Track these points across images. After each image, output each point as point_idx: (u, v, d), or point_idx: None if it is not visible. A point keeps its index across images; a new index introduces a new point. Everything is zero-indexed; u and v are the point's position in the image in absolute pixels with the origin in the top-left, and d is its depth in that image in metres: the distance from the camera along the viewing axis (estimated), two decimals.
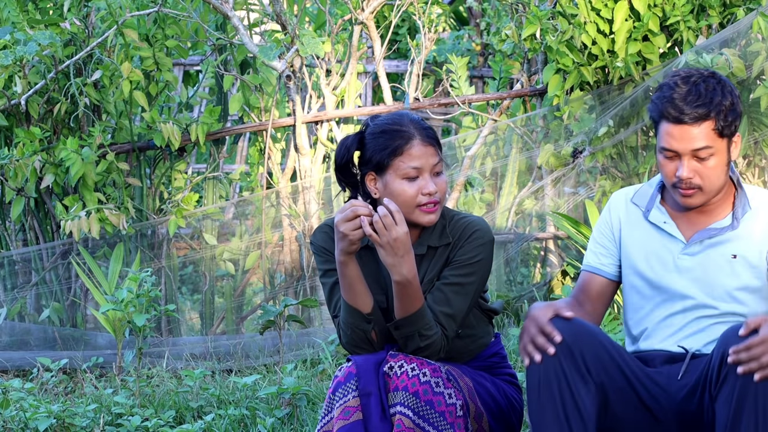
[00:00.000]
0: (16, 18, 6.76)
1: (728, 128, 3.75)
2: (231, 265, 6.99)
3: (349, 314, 3.83)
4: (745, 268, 3.80)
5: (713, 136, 3.73)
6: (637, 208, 3.93)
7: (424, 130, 3.86)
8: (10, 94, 6.70)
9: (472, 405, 3.82)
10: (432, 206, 3.84)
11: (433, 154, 3.84)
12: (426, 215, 3.85)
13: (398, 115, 3.90)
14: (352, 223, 3.71)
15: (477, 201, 6.98)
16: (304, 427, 5.11)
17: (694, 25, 6.43)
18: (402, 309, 3.78)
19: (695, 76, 3.77)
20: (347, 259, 3.77)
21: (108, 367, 6.38)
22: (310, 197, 6.83)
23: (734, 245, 3.81)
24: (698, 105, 3.72)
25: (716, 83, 3.76)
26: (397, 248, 3.71)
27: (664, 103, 3.75)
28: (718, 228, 3.82)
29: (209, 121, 6.81)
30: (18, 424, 5.32)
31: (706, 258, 3.81)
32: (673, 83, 3.77)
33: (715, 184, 3.78)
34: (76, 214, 6.55)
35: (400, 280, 3.74)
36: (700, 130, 3.73)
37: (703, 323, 3.82)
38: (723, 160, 3.77)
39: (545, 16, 6.53)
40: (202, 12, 7.13)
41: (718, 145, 3.75)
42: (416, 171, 3.83)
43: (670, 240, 3.85)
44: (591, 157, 6.64)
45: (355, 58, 6.90)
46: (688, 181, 3.77)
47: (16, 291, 6.98)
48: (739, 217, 3.81)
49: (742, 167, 6.49)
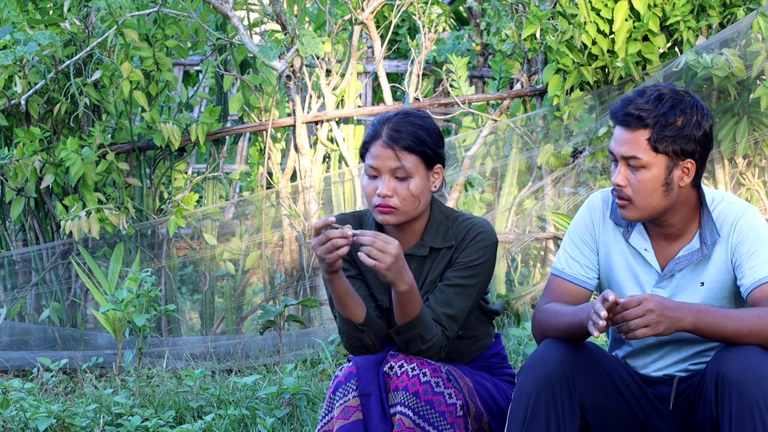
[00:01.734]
0: (16, 18, 6.76)
1: (665, 145, 3.59)
2: (231, 265, 6.99)
3: (343, 323, 3.84)
4: (712, 293, 3.72)
5: (645, 147, 3.59)
6: (616, 225, 3.80)
7: (393, 132, 3.81)
8: (10, 94, 6.70)
9: (472, 405, 3.82)
10: (385, 208, 3.82)
11: (390, 158, 3.80)
12: (380, 215, 3.84)
13: (395, 112, 3.89)
14: (324, 247, 3.66)
15: (477, 201, 6.98)
16: (304, 427, 5.10)
17: (694, 25, 6.43)
18: (403, 315, 3.77)
19: (666, 89, 3.64)
20: (332, 277, 3.74)
21: (108, 367, 6.38)
22: (310, 197, 6.83)
23: (702, 272, 3.72)
24: (637, 110, 3.60)
25: (677, 101, 3.61)
26: (399, 265, 3.69)
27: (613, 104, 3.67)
28: (688, 255, 3.71)
29: (209, 121, 6.81)
30: (18, 424, 5.32)
31: (677, 287, 3.74)
32: (642, 89, 3.65)
33: (647, 200, 3.63)
34: (76, 214, 6.55)
35: (406, 289, 3.72)
36: (634, 137, 3.60)
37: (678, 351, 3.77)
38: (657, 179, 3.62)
39: (545, 16, 6.53)
40: (202, 12, 7.13)
41: (651, 158, 3.60)
42: (373, 170, 3.83)
43: (647, 269, 3.76)
44: (591, 157, 6.64)
45: (355, 58, 6.90)
46: (618, 188, 3.65)
47: (16, 291, 6.98)
48: (708, 242, 3.69)
49: (742, 167, 6.49)
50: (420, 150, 3.82)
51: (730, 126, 6.42)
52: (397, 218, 3.83)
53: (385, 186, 3.80)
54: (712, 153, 6.44)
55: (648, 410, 3.71)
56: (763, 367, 3.47)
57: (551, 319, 3.69)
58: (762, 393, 3.45)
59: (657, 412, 3.72)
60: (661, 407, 3.73)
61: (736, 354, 3.51)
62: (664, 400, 3.73)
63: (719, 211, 3.71)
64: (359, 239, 3.66)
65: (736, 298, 3.73)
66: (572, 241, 3.83)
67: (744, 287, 3.65)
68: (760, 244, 3.66)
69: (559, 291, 3.80)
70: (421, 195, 3.84)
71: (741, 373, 3.47)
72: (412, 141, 3.81)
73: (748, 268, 3.64)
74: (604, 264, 3.81)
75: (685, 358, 3.77)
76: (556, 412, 3.57)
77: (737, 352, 3.51)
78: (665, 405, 3.72)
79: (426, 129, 3.85)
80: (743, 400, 3.45)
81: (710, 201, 3.73)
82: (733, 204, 3.73)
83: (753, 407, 3.45)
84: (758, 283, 3.62)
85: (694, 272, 3.73)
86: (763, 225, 3.70)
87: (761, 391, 3.45)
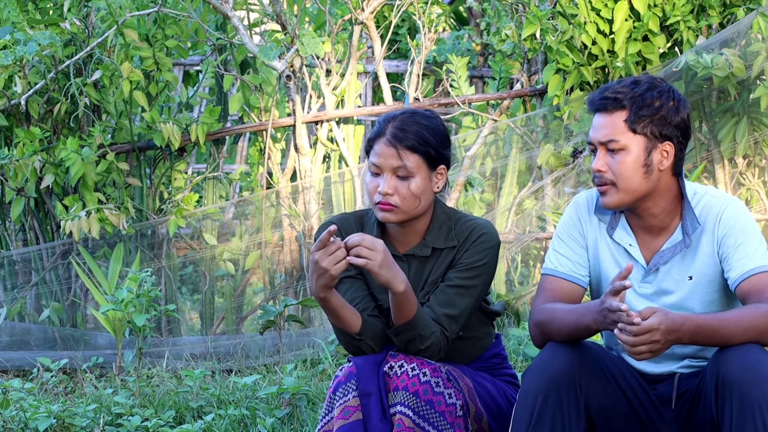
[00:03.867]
0: (16, 18, 6.76)
1: (643, 126, 3.61)
2: (231, 265, 6.99)
3: (339, 333, 3.84)
4: (701, 286, 3.72)
5: (623, 129, 3.62)
6: (600, 222, 3.81)
7: (398, 131, 3.82)
8: (10, 94, 6.70)
9: (472, 405, 3.82)
10: (385, 206, 3.82)
11: (392, 156, 3.81)
12: (380, 212, 3.84)
13: (401, 111, 3.90)
14: (334, 257, 3.63)
15: (477, 201, 6.98)
16: (304, 427, 5.11)
17: (694, 25, 6.43)
18: (402, 316, 3.76)
19: (642, 77, 3.67)
20: (329, 294, 3.71)
21: (108, 367, 6.38)
22: (310, 197, 6.83)
23: (690, 266, 3.71)
24: (614, 93, 3.63)
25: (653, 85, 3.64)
26: (389, 262, 3.68)
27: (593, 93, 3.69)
28: (671, 248, 3.72)
29: (209, 121, 6.82)
30: (18, 424, 5.32)
31: (663, 281, 3.74)
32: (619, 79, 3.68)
33: (627, 182, 3.64)
34: (76, 214, 6.55)
35: (404, 289, 3.71)
36: (610, 120, 3.63)
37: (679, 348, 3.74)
38: (637, 160, 3.64)
39: (545, 16, 6.53)
40: (202, 12, 7.13)
41: (629, 140, 3.62)
42: (376, 168, 3.83)
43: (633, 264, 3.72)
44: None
45: (355, 58, 6.90)
46: (599, 174, 3.66)
47: (16, 291, 6.98)
48: (690, 232, 3.69)
49: (742, 167, 6.49)
50: (423, 150, 3.82)
51: (730, 126, 6.42)
52: (397, 216, 3.83)
53: (386, 184, 3.81)
54: (712, 153, 6.45)
55: (650, 411, 3.72)
56: (763, 366, 3.47)
57: (552, 321, 3.68)
58: (763, 393, 3.45)
59: (658, 412, 3.72)
60: (662, 408, 3.73)
61: (736, 354, 3.50)
62: (666, 401, 3.73)
63: (704, 204, 3.71)
64: (348, 243, 3.65)
65: (725, 290, 3.73)
66: (561, 239, 3.83)
67: (731, 280, 3.65)
68: (746, 236, 3.66)
69: (552, 290, 3.79)
70: (422, 195, 3.84)
71: (741, 373, 3.47)
72: (416, 141, 3.82)
73: (736, 260, 3.64)
74: (593, 261, 3.82)
75: (686, 355, 3.77)
76: (562, 414, 3.57)
77: (737, 352, 3.51)
78: (667, 406, 3.72)
79: (431, 129, 3.85)
80: (744, 401, 3.45)
81: (692, 194, 3.74)
82: (717, 197, 3.73)
83: (754, 407, 3.45)
84: (746, 275, 3.62)
85: (681, 266, 3.73)
86: (748, 217, 3.71)
87: (762, 391, 3.45)
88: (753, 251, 3.64)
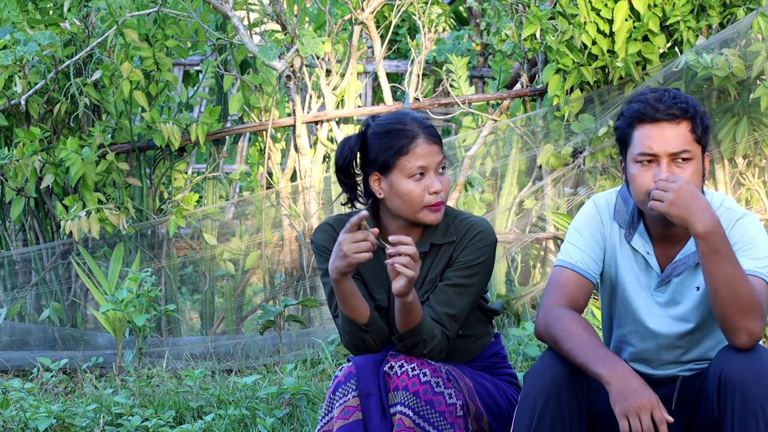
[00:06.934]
0: (16, 18, 6.76)
1: (704, 136, 3.61)
2: (231, 265, 6.99)
3: (346, 323, 3.82)
4: (706, 297, 3.69)
5: (690, 139, 3.60)
6: (619, 227, 3.80)
7: (427, 129, 3.85)
8: (10, 94, 6.70)
9: (472, 405, 3.82)
10: (438, 206, 3.83)
11: (437, 152, 3.83)
12: (432, 214, 3.84)
13: (400, 114, 3.89)
14: (357, 245, 3.63)
15: (477, 201, 6.98)
16: (304, 427, 5.11)
17: (694, 25, 6.43)
18: (407, 323, 3.76)
19: (662, 89, 3.66)
20: (344, 278, 3.71)
21: (108, 367, 6.38)
22: (310, 197, 6.83)
23: (698, 275, 3.70)
24: (676, 103, 3.60)
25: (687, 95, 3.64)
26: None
27: (637, 107, 3.63)
28: (684, 258, 3.72)
29: (209, 121, 6.81)
30: (18, 424, 5.32)
31: (675, 292, 3.74)
32: (642, 93, 3.64)
33: None
34: (76, 214, 6.55)
35: (413, 299, 3.71)
36: (678, 130, 3.59)
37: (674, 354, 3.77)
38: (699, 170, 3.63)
39: (545, 16, 6.53)
40: (202, 12, 7.13)
41: (696, 151, 3.61)
42: (422, 170, 3.82)
43: (648, 272, 3.75)
44: (591, 157, 6.64)
45: (355, 58, 6.90)
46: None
47: (16, 291, 6.98)
48: None
49: (742, 167, 6.49)
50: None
51: (730, 126, 6.42)
52: (442, 213, 3.85)
53: (437, 181, 3.81)
54: (712, 153, 6.45)
55: None
56: (765, 366, 3.47)
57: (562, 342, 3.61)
58: (765, 393, 3.45)
59: None
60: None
61: (739, 354, 3.51)
62: (667, 402, 3.73)
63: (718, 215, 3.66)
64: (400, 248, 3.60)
65: None
66: (580, 234, 3.80)
67: None
68: (753, 246, 3.65)
69: (565, 284, 3.74)
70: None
71: (743, 373, 3.47)
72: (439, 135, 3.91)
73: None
74: (608, 264, 3.81)
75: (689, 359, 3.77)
76: (563, 417, 3.57)
77: (740, 353, 3.51)
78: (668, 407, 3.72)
79: None
80: (746, 400, 3.45)
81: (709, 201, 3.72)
82: (731, 209, 3.72)
83: (756, 407, 3.45)
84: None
85: (691, 276, 3.73)
86: (760, 231, 3.69)
87: (764, 391, 3.45)
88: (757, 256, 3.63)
